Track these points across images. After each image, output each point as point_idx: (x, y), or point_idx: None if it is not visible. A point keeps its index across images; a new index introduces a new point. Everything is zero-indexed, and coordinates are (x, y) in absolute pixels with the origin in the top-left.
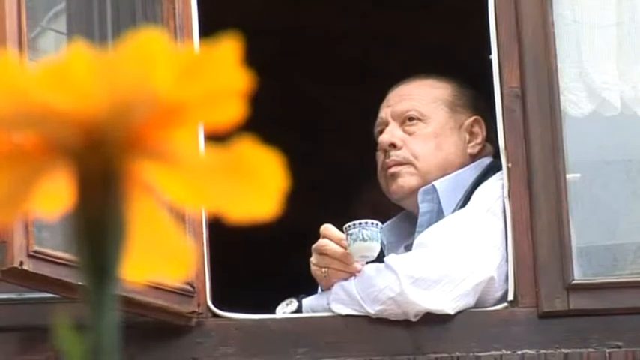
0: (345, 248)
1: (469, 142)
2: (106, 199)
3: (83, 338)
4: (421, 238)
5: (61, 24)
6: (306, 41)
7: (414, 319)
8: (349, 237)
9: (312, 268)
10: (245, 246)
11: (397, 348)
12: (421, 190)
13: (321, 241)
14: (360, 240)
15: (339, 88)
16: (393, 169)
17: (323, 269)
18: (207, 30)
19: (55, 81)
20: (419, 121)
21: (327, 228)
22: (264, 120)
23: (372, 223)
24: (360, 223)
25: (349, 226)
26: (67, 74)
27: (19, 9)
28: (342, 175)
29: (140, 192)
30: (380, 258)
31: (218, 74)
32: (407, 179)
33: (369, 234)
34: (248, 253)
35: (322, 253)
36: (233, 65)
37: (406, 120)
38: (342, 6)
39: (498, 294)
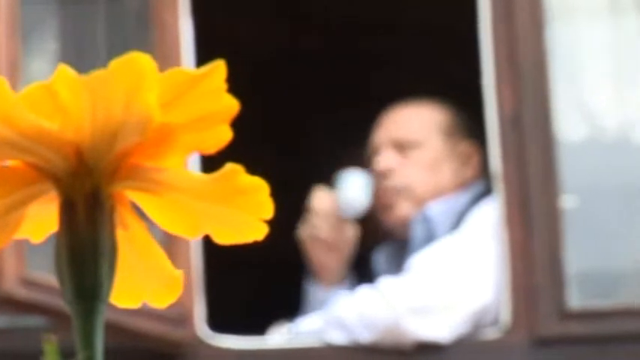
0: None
1: (464, 168)
2: (94, 224)
3: None
4: (413, 263)
5: (52, 49)
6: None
7: (408, 349)
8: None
9: (304, 242)
10: (235, 268)
11: None
12: (414, 215)
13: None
14: (345, 190)
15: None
16: (387, 199)
17: (309, 232)
18: (198, 56)
19: (41, 104)
20: (414, 148)
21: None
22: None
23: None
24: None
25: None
26: (53, 97)
27: (13, 34)
28: None
29: (128, 216)
30: (372, 282)
31: (207, 99)
32: (401, 208)
33: (356, 183)
34: (238, 275)
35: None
36: (221, 90)
37: (401, 146)
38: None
39: (493, 320)
